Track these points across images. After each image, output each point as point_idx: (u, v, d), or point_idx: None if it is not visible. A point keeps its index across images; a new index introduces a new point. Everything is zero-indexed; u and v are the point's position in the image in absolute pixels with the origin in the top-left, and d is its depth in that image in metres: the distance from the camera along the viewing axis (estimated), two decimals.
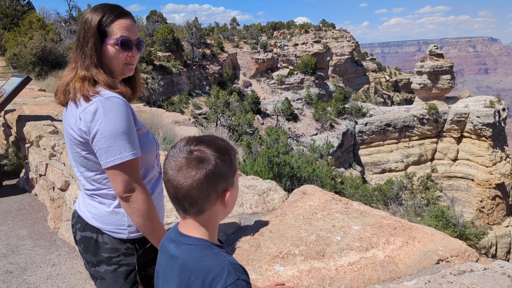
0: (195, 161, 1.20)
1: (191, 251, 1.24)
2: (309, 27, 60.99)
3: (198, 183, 1.19)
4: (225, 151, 1.25)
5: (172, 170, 1.23)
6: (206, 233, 1.28)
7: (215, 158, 1.21)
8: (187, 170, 1.20)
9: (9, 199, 5.73)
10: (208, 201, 1.23)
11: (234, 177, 1.29)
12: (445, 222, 10.50)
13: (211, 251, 1.23)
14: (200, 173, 1.19)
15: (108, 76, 1.83)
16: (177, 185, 1.21)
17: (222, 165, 1.22)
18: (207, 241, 1.26)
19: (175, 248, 1.29)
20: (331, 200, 2.76)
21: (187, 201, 1.23)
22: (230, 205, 1.29)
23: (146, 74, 35.95)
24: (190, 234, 1.28)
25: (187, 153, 1.22)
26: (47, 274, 3.82)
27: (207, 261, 1.20)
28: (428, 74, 52.19)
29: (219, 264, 1.18)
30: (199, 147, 1.24)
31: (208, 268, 1.17)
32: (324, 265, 1.99)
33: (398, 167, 46.96)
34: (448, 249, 2.16)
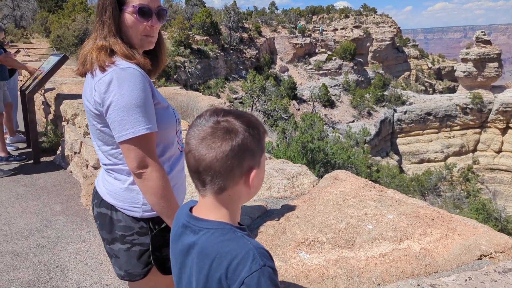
0: (221, 132, 1.09)
1: (210, 236, 1.11)
2: (349, 12, 59.45)
3: (222, 155, 1.08)
4: (254, 126, 1.14)
5: (195, 140, 1.12)
6: (227, 215, 1.15)
7: (243, 131, 1.10)
8: (212, 140, 1.09)
9: (46, 175, 5.86)
10: (232, 178, 1.11)
11: (262, 156, 1.17)
12: (486, 215, 10.03)
13: (234, 234, 1.10)
14: (225, 145, 1.08)
15: (126, 46, 1.73)
16: (199, 156, 1.10)
17: (250, 140, 1.11)
18: (228, 224, 1.14)
19: (191, 234, 1.16)
20: (364, 187, 2.60)
21: (209, 175, 1.11)
22: (255, 186, 1.15)
23: (184, 57, 36.21)
24: (208, 217, 1.15)
25: (214, 123, 1.11)
26: (77, 249, 3.86)
27: (229, 246, 1.07)
28: (473, 62, 49.97)
29: (243, 249, 1.05)
30: (227, 117, 1.12)
31: (232, 253, 1.05)
32: (353, 255, 1.85)
33: (438, 157, 45.53)
34: (492, 244, 1.97)
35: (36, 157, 6.29)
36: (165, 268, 1.81)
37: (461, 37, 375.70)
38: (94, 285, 3.27)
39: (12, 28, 29.91)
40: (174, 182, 1.85)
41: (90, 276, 3.40)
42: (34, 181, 5.61)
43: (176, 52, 35.82)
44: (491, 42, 52.15)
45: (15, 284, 3.30)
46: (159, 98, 1.80)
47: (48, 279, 3.38)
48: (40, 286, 3.29)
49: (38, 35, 30.61)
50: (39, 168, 6.13)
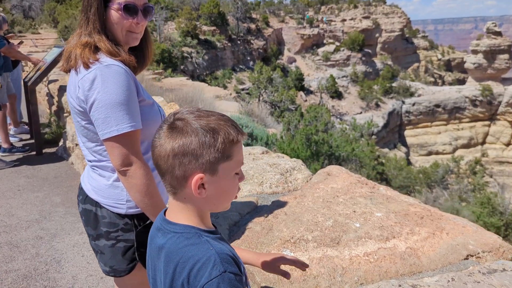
0: (171, 130, 1.10)
1: (176, 240, 1.12)
2: (358, 2, 58.84)
3: (164, 154, 1.09)
4: (212, 131, 1.08)
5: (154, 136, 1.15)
6: (192, 218, 1.15)
7: (191, 132, 1.07)
8: (161, 136, 1.12)
9: (47, 167, 5.91)
10: (175, 179, 1.10)
11: (218, 164, 1.10)
12: (491, 209, 9.95)
13: (198, 239, 1.09)
14: (168, 143, 1.09)
15: (111, 43, 1.72)
16: (152, 150, 1.14)
17: (196, 144, 1.07)
18: (195, 228, 1.13)
19: (161, 236, 1.17)
20: (356, 183, 2.58)
21: (159, 171, 1.14)
22: (212, 196, 1.12)
23: (191, 48, 36.15)
24: (177, 220, 1.16)
25: (170, 122, 1.12)
26: (74, 241, 3.89)
27: (192, 251, 1.07)
28: (483, 53, 49.35)
29: (205, 254, 1.04)
30: (188, 117, 1.11)
31: (194, 259, 1.05)
32: (337, 254, 1.84)
33: (446, 149, 45.22)
34: (480, 244, 1.95)
35: (38, 149, 6.33)
36: None
37: (472, 28, 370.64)
38: (89, 278, 3.30)
39: (20, 19, 30.02)
40: (159, 179, 1.85)
41: (86, 269, 3.43)
42: (35, 173, 5.66)
43: (183, 43, 35.78)
44: (502, 33, 51.37)
45: (12, 276, 3.34)
46: (144, 95, 1.79)
47: (45, 270, 3.41)
48: (37, 277, 3.32)
49: (46, 26, 30.71)
50: (41, 159, 6.17)
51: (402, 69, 55.14)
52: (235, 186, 1.18)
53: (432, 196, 13.84)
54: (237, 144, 1.13)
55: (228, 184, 1.15)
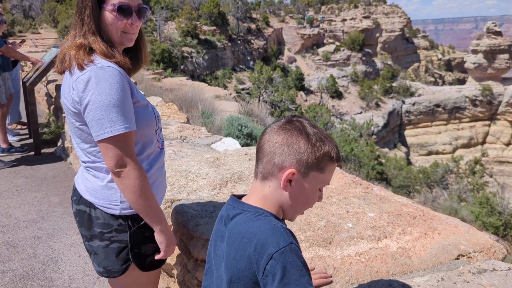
0: (287, 125, 1.20)
1: (243, 216, 1.19)
2: (358, 2, 58.83)
3: (273, 139, 1.18)
4: (319, 140, 1.18)
5: (272, 124, 1.25)
6: (267, 204, 1.21)
7: (304, 134, 1.17)
8: (277, 127, 1.21)
9: (46, 167, 5.92)
10: (270, 165, 1.18)
11: (312, 171, 1.18)
12: (490, 209, 9.97)
13: (265, 217, 1.16)
14: (279, 134, 1.18)
15: (105, 44, 1.73)
16: (261, 137, 1.23)
17: (304, 145, 1.16)
18: (265, 210, 1.19)
19: (228, 214, 1.25)
20: (350, 183, 2.59)
21: (259, 153, 1.22)
22: (293, 195, 1.19)
23: (191, 48, 36.16)
24: (251, 203, 1.23)
25: (289, 119, 1.23)
26: (71, 241, 3.90)
27: (259, 224, 1.13)
28: (484, 53, 49.32)
29: (272, 227, 1.11)
30: (303, 121, 1.22)
31: (260, 230, 1.11)
32: (329, 254, 1.85)
33: (446, 149, 45.21)
34: (472, 244, 1.96)
35: (37, 149, 6.35)
36: (143, 265, 1.83)
37: (472, 28, 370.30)
38: (86, 278, 3.32)
39: (20, 19, 30.06)
40: (154, 180, 1.87)
41: (83, 269, 3.44)
42: (34, 173, 5.67)
43: (183, 43, 35.78)
44: (502, 33, 51.34)
45: (9, 275, 3.35)
46: (139, 96, 1.80)
47: (42, 270, 3.43)
48: (34, 277, 3.34)
49: (46, 26, 30.74)
50: (40, 159, 6.19)
51: (402, 69, 55.13)
52: (314, 199, 1.25)
53: (432, 196, 13.84)
54: (333, 164, 1.22)
55: (310, 193, 1.22)
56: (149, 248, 1.82)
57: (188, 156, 3.40)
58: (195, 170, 2.94)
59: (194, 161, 3.15)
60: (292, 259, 1.05)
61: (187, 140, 4.12)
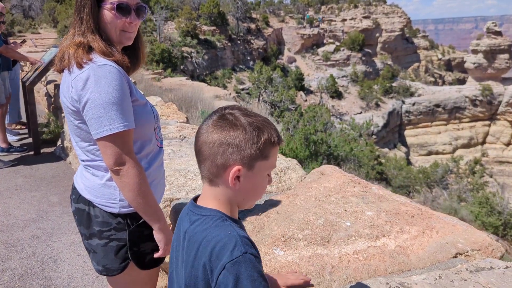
0: (220, 121, 1.17)
1: (201, 222, 1.18)
2: (358, 2, 58.80)
3: (210, 141, 1.16)
4: (257, 129, 1.16)
5: (202, 124, 1.22)
6: (221, 205, 1.21)
7: (239, 126, 1.15)
8: (210, 125, 1.18)
9: (45, 166, 5.93)
10: (215, 166, 1.16)
11: (257, 161, 1.17)
12: (489, 209, 9.96)
13: (222, 222, 1.15)
14: (216, 133, 1.15)
15: (104, 43, 1.74)
16: (197, 137, 1.21)
17: (243, 138, 1.14)
18: (220, 212, 1.19)
19: (188, 218, 1.24)
20: (348, 183, 2.60)
21: (200, 157, 1.20)
22: (243, 190, 1.19)
23: (191, 48, 36.15)
24: (206, 205, 1.22)
25: (220, 113, 1.20)
26: (70, 240, 3.91)
27: (215, 232, 1.12)
28: (484, 53, 49.32)
29: (227, 235, 1.10)
30: (235, 111, 1.19)
31: (216, 239, 1.10)
32: (327, 252, 1.86)
33: (446, 149, 45.20)
34: (470, 242, 1.96)
35: (37, 148, 6.35)
36: (142, 263, 1.84)
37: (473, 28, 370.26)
38: (85, 277, 3.32)
39: (20, 19, 30.05)
40: (152, 179, 1.87)
41: (82, 268, 3.45)
42: (33, 172, 5.68)
43: (183, 43, 35.76)
44: (502, 33, 51.34)
45: (8, 275, 3.36)
46: (137, 95, 1.81)
47: (41, 269, 3.44)
48: (33, 276, 3.34)
49: (46, 26, 30.74)
50: (39, 159, 6.19)
51: (402, 69, 55.10)
52: (264, 186, 1.26)
53: (431, 196, 13.84)
54: (275, 148, 1.21)
55: (259, 182, 1.22)
56: (148, 246, 1.82)
57: (187, 156, 3.41)
58: (194, 169, 2.95)
59: (193, 161, 3.16)
60: (246, 270, 1.03)
61: (186, 139, 4.12)
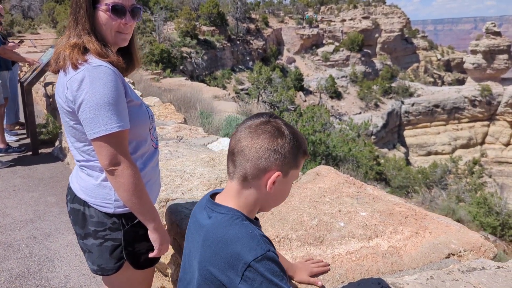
0: (268, 127, 1.20)
1: (220, 219, 1.20)
2: (357, 2, 58.89)
3: (257, 146, 1.18)
4: (298, 140, 1.23)
5: (243, 125, 1.24)
6: (243, 206, 1.23)
7: (286, 136, 1.20)
8: (255, 130, 1.20)
9: (43, 167, 5.93)
10: (256, 169, 1.19)
11: (291, 170, 1.23)
12: (487, 209, 9.99)
13: (241, 222, 1.18)
14: (263, 138, 1.19)
15: (100, 44, 1.75)
16: (239, 138, 1.22)
17: (288, 148, 1.19)
18: (240, 212, 1.21)
19: (206, 216, 1.25)
20: (343, 183, 2.61)
21: (239, 157, 1.21)
22: (273, 194, 1.23)
23: (190, 48, 36.18)
24: (226, 204, 1.24)
25: (265, 119, 1.23)
26: (67, 241, 3.92)
27: (235, 230, 1.14)
28: (483, 54, 49.41)
29: (248, 234, 1.12)
30: (278, 121, 1.23)
31: (236, 237, 1.12)
32: (320, 252, 1.87)
33: (445, 150, 45.27)
34: (463, 243, 1.98)
35: (35, 149, 6.36)
36: (137, 263, 1.85)
37: (472, 28, 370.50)
38: (81, 277, 3.33)
39: (19, 19, 30.04)
40: (148, 179, 1.88)
41: (79, 268, 3.46)
42: (31, 173, 5.68)
43: (183, 43, 35.80)
44: (501, 33, 51.40)
45: (5, 275, 3.36)
46: (132, 95, 1.82)
47: (38, 270, 3.44)
48: (30, 277, 3.35)
49: (45, 26, 30.75)
50: (37, 159, 6.20)
51: (402, 69, 55.17)
52: (288, 193, 1.32)
53: (430, 196, 13.86)
54: (305, 159, 1.28)
55: (287, 189, 1.29)
56: (143, 246, 1.83)
57: (184, 156, 3.42)
58: (190, 170, 2.96)
59: (190, 161, 3.17)
60: (270, 266, 1.07)
61: (184, 140, 4.13)
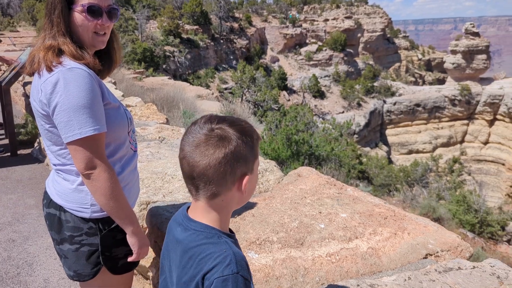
0: (215, 139, 1.13)
1: (196, 237, 1.17)
2: (340, 2, 59.28)
3: (215, 162, 1.12)
4: (247, 133, 1.18)
5: (189, 146, 1.16)
6: (217, 220, 1.20)
7: (236, 138, 1.14)
8: (205, 147, 1.13)
9: (22, 168, 5.82)
10: (224, 184, 1.15)
11: (255, 163, 1.21)
12: (466, 207, 10.18)
13: (218, 239, 1.16)
14: (219, 152, 1.12)
15: (75, 46, 1.72)
16: (193, 162, 1.14)
17: (243, 147, 1.15)
18: (215, 229, 1.18)
19: (181, 231, 1.22)
20: (324, 184, 2.62)
21: (202, 181, 1.15)
22: (248, 192, 1.20)
23: (173, 47, 35.93)
24: (199, 220, 1.20)
25: (208, 130, 1.15)
26: (47, 244, 3.85)
27: (211, 248, 1.12)
28: (462, 54, 50.28)
29: (223, 253, 1.10)
30: (220, 125, 1.16)
31: (212, 256, 1.10)
32: (301, 255, 1.87)
33: (426, 148, 45.94)
34: (440, 243, 2.01)
35: (13, 150, 6.24)
36: (115, 268, 1.83)
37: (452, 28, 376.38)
38: (61, 281, 3.28)
39: None
40: (126, 182, 1.86)
41: (58, 272, 3.40)
42: (9, 174, 5.57)
43: (166, 42, 35.53)
44: (480, 34, 52.40)
45: None
46: (110, 98, 1.79)
47: (16, 274, 3.38)
48: (8, 281, 3.28)
49: (25, 24, 30.17)
50: (16, 160, 6.08)
51: (384, 68, 55.76)
52: (257, 181, 1.31)
53: (411, 194, 14.05)
54: (259, 142, 1.24)
55: (256, 180, 1.26)
56: (121, 251, 1.81)
57: (166, 158, 3.39)
58: (171, 172, 2.94)
59: (171, 163, 3.15)
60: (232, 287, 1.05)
61: (166, 141, 4.10)
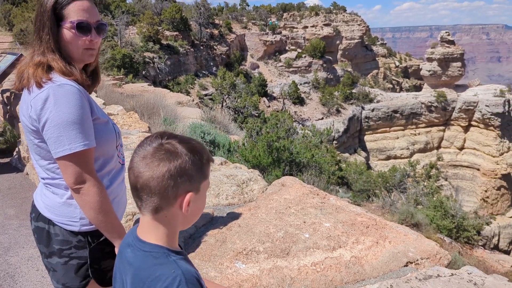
0: (162, 152, 1.16)
1: (145, 259, 1.18)
2: (319, 10, 59.99)
3: (158, 175, 1.14)
4: (197, 152, 1.19)
5: (137, 158, 1.19)
6: (164, 237, 1.21)
7: (184, 155, 1.16)
8: (151, 159, 1.16)
9: (1, 177, 5.73)
10: (166, 198, 1.16)
11: (201, 183, 1.22)
12: (443, 212, 10.41)
13: (166, 259, 1.17)
14: (163, 165, 1.14)
15: (64, 62, 1.74)
16: (138, 173, 1.17)
17: (190, 165, 1.16)
18: (163, 248, 1.20)
19: (131, 253, 1.23)
20: (308, 194, 2.69)
21: (145, 192, 1.16)
22: (191, 212, 1.21)
23: (153, 53, 35.72)
24: (147, 239, 1.21)
25: (158, 145, 1.18)
26: (29, 255, 3.81)
27: (160, 270, 1.13)
28: (438, 61, 51.47)
29: (171, 274, 1.12)
30: (171, 140, 1.19)
31: (161, 278, 1.11)
32: (287, 264, 1.93)
33: (404, 154, 46.70)
34: (420, 251, 2.09)
35: None
36: (103, 281, 1.84)
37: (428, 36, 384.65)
38: None
39: None
40: (114, 196, 1.89)
41: (41, 283, 3.37)
42: None
43: (145, 48, 35.29)
44: (455, 42, 53.76)
45: None
46: (99, 113, 1.82)
47: None
48: None
49: (0, 29, 29.57)
50: None
51: (362, 75, 56.55)
52: (205, 203, 1.30)
53: (390, 200, 14.27)
54: (210, 165, 1.26)
55: (203, 202, 1.28)
56: (109, 263, 1.83)
57: None
58: None
59: None
60: None
61: None
